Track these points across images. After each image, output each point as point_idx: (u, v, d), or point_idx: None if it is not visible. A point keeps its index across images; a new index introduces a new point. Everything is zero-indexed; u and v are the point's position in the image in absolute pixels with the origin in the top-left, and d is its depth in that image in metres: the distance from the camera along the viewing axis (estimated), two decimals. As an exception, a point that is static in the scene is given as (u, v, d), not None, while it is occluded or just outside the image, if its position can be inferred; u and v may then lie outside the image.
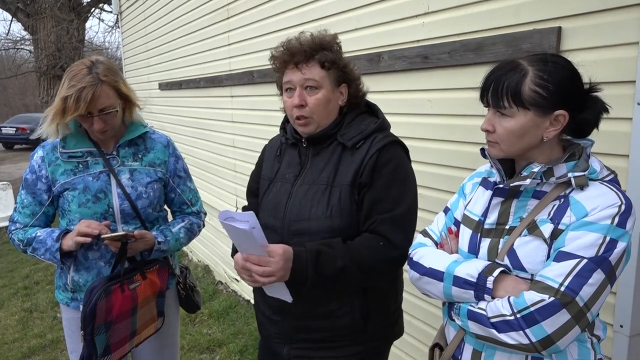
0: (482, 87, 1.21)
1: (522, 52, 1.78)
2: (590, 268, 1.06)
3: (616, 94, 1.57)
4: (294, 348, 1.63)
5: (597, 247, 1.07)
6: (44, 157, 1.87)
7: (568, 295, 1.06)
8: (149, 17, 6.29)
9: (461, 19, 2.06)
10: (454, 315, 1.25)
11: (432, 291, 1.28)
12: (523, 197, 1.21)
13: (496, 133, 1.19)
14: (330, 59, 1.53)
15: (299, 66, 1.53)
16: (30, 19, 10.77)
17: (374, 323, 1.59)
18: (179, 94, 5.61)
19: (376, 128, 1.58)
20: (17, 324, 4.31)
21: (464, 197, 1.40)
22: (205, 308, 4.17)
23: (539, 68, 1.14)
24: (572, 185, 1.14)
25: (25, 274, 5.71)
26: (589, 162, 1.17)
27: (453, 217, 1.40)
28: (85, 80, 1.70)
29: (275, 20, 3.44)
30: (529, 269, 1.16)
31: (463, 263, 1.23)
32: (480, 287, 1.16)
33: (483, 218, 1.28)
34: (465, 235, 1.31)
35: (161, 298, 1.96)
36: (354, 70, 1.61)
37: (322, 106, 1.55)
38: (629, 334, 1.59)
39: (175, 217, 2.10)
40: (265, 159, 1.76)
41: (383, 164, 1.51)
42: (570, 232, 1.10)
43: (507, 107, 1.15)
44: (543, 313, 1.07)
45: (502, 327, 1.11)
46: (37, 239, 1.83)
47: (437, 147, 2.25)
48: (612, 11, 1.56)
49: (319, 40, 1.55)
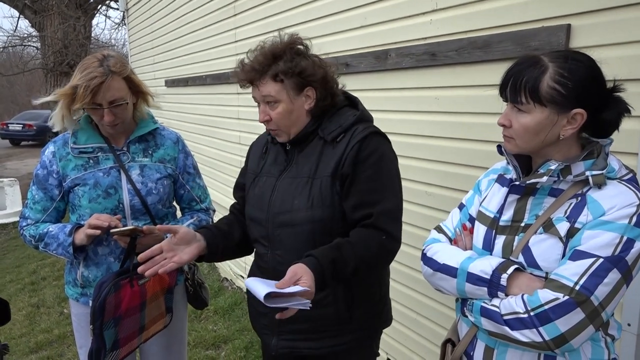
0: (502, 82, 1.19)
1: (531, 49, 1.77)
2: (606, 267, 1.06)
3: (626, 91, 1.57)
4: (281, 339, 1.66)
5: (613, 247, 1.06)
6: (55, 152, 1.88)
7: (583, 294, 1.05)
8: (155, 14, 6.30)
9: (469, 16, 2.05)
10: (467, 311, 1.25)
11: (446, 287, 1.28)
12: (539, 195, 1.20)
13: (512, 128, 1.18)
14: (282, 70, 1.51)
15: (255, 84, 1.56)
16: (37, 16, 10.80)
17: (359, 312, 1.61)
18: (185, 91, 5.62)
19: (355, 120, 1.58)
20: (25, 319, 4.34)
21: (479, 193, 1.39)
22: (210, 304, 4.17)
23: (559, 65, 1.12)
24: (590, 184, 1.13)
25: (32, 270, 5.75)
26: (607, 161, 1.15)
27: (468, 213, 1.39)
28: (96, 71, 1.72)
29: (281, 18, 3.45)
30: (543, 267, 1.15)
31: (477, 260, 1.22)
32: (494, 284, 1.16)
33: (498, 215, 1.27)
34: (480, 232, 1.30)
35: (170, 294, 1.97)
36: (318, 70, 1.56)
37: (285, 118, 1.56)
38: (637, 332, 1.59)
39: (184, 214, 2.11)
40: (252, 154, 1.82)
41: (367, 155, 1.52)
42: (586, 231, 1.09)
43: (524, 102, 1.14)
44: (557, 312, 1.06)
45: (515, 325, 1.11)
46: (49, 234, 1.84)
47: (444, 144, 2.25)
48: (621, 8, 1.55)
49: (270, 52, 1.54)
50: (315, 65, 1.57)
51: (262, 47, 1.57)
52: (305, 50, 1.59)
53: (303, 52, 1.58)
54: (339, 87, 1.65)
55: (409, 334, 2.59)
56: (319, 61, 1.59)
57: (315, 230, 1.54)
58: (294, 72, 1.52)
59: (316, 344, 1.63)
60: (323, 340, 1.62)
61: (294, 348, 1.65)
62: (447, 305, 2.33)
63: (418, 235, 2.41)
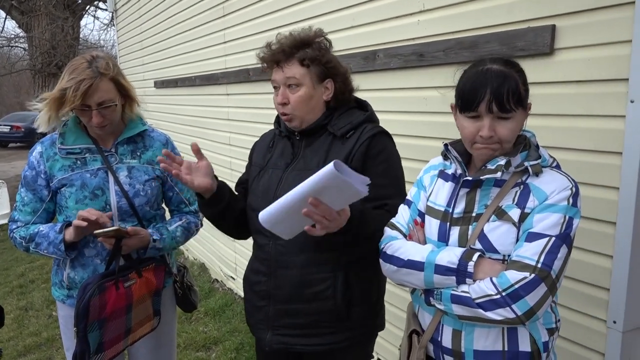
0: (479, 99, 1.23)
1: (517, 50, 1.79)
2: (557, 244, 1.20)
3: (610, 91, 1.59)
4: (276, 334, 1.66)
5: (560, 226, 1.21)
6: (43, 153, 1.87)
7: (545, 270, 1.19)
8: (144, 14, 6.27)
9: (456, 17, 2.07)
10: (433, 301, 1.32)
11: (412, 281, 1.36)
12: (485, 187, 1.32)
13: (497, 136, 1.26)
14: (310, 56, 1.58)
15: (280, 65, 1.60)
16: (24, 17, 10.71)
17: (357, 311, 1.62)
18: (175, 92, 5.60)
19: (365, 119, 1.64)
20: (13, 322, 4.30)
21: (424, 189, 1.48)
22: (201, 306, 4.17)
23: (517, 69, 1.27)
24: (529, 173, 1.28)
25: (20, 272, 5.70)
26: (539, 152, 1.30)
27: (417, 209, 1.47)
28: (85, 73, 1.71)
29: (270, 18, 3.45)
30: (500, 251, 1.26)
31: (441, 252, 1.31)
32: (462, 272, 1.25)
33: (450, 208, 1.36)
34: (433, 225, 1.39)
35: (157, 297, 1.96)
36: (340, 66, 1.65)
37: (304, 103, 1.60)
38: (622, 330, 1.61)
39: (173, 216, 2.09)
40: (256, 150, 1.84)
41: (377, 152, 1.57)
42: (536, 215, 1.23)
43: (512, 110, 1.24)
44: (526, 288, 1.18)
45: (489, 306, 1.21)
46: (40, 233, 1.83)
47: (432, 144, 2.26)
48: (605, 9, 1.57)
49: (300, 38, 1.60)
50: (338, 61, 1.66)
51: (291, 33, 1.63)
52: (329, 47, 1.67)
53: (327, 48, 1.65)
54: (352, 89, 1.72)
55: (395, 331, 2.60)
56: (339, 60, 1.67)
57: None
58: (321, 61, 1.59)
59: (311, 341, 1.62)
60: (318, 337, 1.62)
61: (288, 344, 1.64)
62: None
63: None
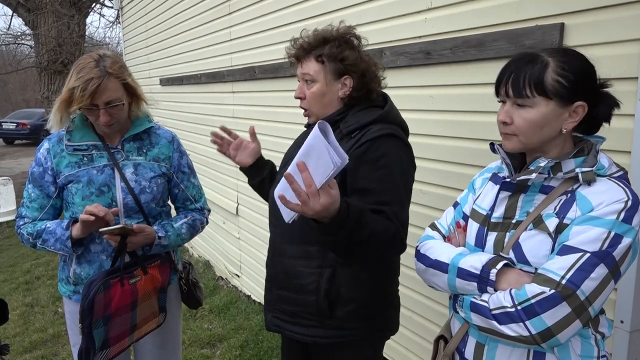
0: (499, 79, 1.20)
1: (525, 48, 1.78)
2: (592, 262, 1.06)
3: (618, 90, 1.56)
4: (273, 317, 1.73)
5: (601, 242, 1.07)
6: (50, 149, 1.88)
7: (569, 288, 1.06)
8: (150, 12, 6.28)
9: (463, 15, 2.06)
10: (457, 307, 1.26)
11: (438, 283, 1.29)
12: (530, 192, 1.21)
13: (514, 125, 1.18)
14: (326, 53, 1.59)
15: (300, 61, 1.65)
16: (30, 14, 10.73)
17: (342, 310, 1.60)
18: (180, 89, 5.60)
19: (374, 119, 1.58)
20: (19, 318, 4.32)
21: (473, 191, 1.41)
22: (206, 303, 4.17)
23: (560, 59, 1.15)
24: (580, 181, 1.14)
25: (26, 269, 5.73)
26: (597, 158, 1.17)
27: (462, 211, 1.41)
28: (92, 73, 1.72)
29: (277, 16, 3.44)
30: (532, 263, 1.16)
31: (468, 255, 1.24)
32: (484, 279, 1.17)
33: (490, 212, 1.28)
34: (473, 229, 1.32)
35: (163, 293, 1.97)
36: (363, 62, 1.62)
37: (317, 99, 1.63)
38: (630, 330, 1.60)
39: (179, 213, 2.10)
40: (294, 144, 1.86)
41: (377, 156, 1.50)
42: (574, 227, 1.10)
43: (529, 96, 1.15)
44: (543, 305, 1.07)
45: (503, 319, 1.12)
46: (47, 230, 1.84)
47: (439, 143, 2.25)
48: (614, 7, 1.56)
49: (320, 35, 1.62)
50: (360, 58, 1.63)
51: (316, 30, 1.65)
52: (357, 43, 1.65)
53: (352, 44, 1.64)
54: (380, 86, 1.69)
55: (403, 330, 2.60)
56: (365, 56, 1.65)
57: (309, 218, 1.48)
58: (337, 58, 1.59)
59: (300, 329, 1.66)
60: (304, 327, 1.65)
61: (282, 328, 1.71)
62: (440, 302, 2.34)
63: (412, 233, 2.40)
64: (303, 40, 1.63)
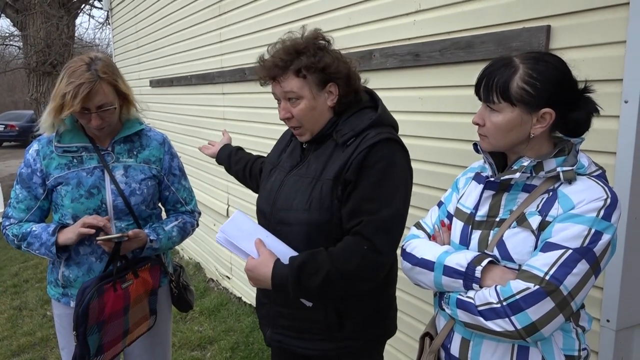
0: (476, 82, 1.23)
1: (512, 50, 1.80)
2: (575, 258, 1.10)
3: (604, 92, 1.59)
4: (274, 332, 1.68)
5: (582, 239, 1.11)
6: (39, 151, 1.86)
7: (552, 283, 1.09)
8: (139, 13, 6.25)
9: (452, 17, 2.07)
10: (444, 304, 1.28)
11: (424, 281, 1.32)
12: (513, 191, 1.24)
13: (486, 127, 1.23)
14: (305, 65, 1.47)
15: (277, 79, 1.52)
16: (19, 15, 10.64)
17: (351, 322, 1.58)
18: (170, 91, 5.58)
19: (370, 124, 1.52)
20: (6, 322, 4.27)
21: (457, 191, 1.43)
22: (196, 305, 4.15)
23: (530, 66, 1.17)
24: (561, 179, 1.17)
25: (14, 272, 5.67)
26: (577, 158, 1.20)
27: (446, 210, 1.43)
28: (84, 77, 1.70)
29: (267, 18, 3.44)
30: (516, 260, 1.19)
31: (453, 253, 1.26)
32: (469, 276, 1.20)
33: (474, 211, 1.31)
34: (457, 227, 1.34)
35: (153, 296, 1.96)
36: (342, 64, 1.53)
37: (308, 115, 1.53)
38: (616, 328, 1.62)
39: (169, 216, 2.09)
40: (277, 143, 1.81)
41: (373, 162, 1.45)
42: (556, 224, 1.13)
43: (495, 102, 1.18)
44: (528, 301, 1.10)
45: (489, 315, 1.15)
46: (32, 233, 1.82)
47: (428, 144, 2.26)
48: (600, 10, 1.58)
49: (292, 47, 1.50)
50: (339, 60, 1.53)
51: (283, 42, 1.53)
52: (328, 46, 1.55)
53: (325, 48, 1.54)
54: (361, 82, 1.61)
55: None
56: (341, 56, 1.55)
57: (312, 232, 1.51)
58: (317, 68, 1.48)
59: (305, 344, 1.62)
60: (312, 342, 1.61)
61: (285, 343, 1.66)
62: (427, 301, 2.35)
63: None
64: (274, 58, 1.50)
